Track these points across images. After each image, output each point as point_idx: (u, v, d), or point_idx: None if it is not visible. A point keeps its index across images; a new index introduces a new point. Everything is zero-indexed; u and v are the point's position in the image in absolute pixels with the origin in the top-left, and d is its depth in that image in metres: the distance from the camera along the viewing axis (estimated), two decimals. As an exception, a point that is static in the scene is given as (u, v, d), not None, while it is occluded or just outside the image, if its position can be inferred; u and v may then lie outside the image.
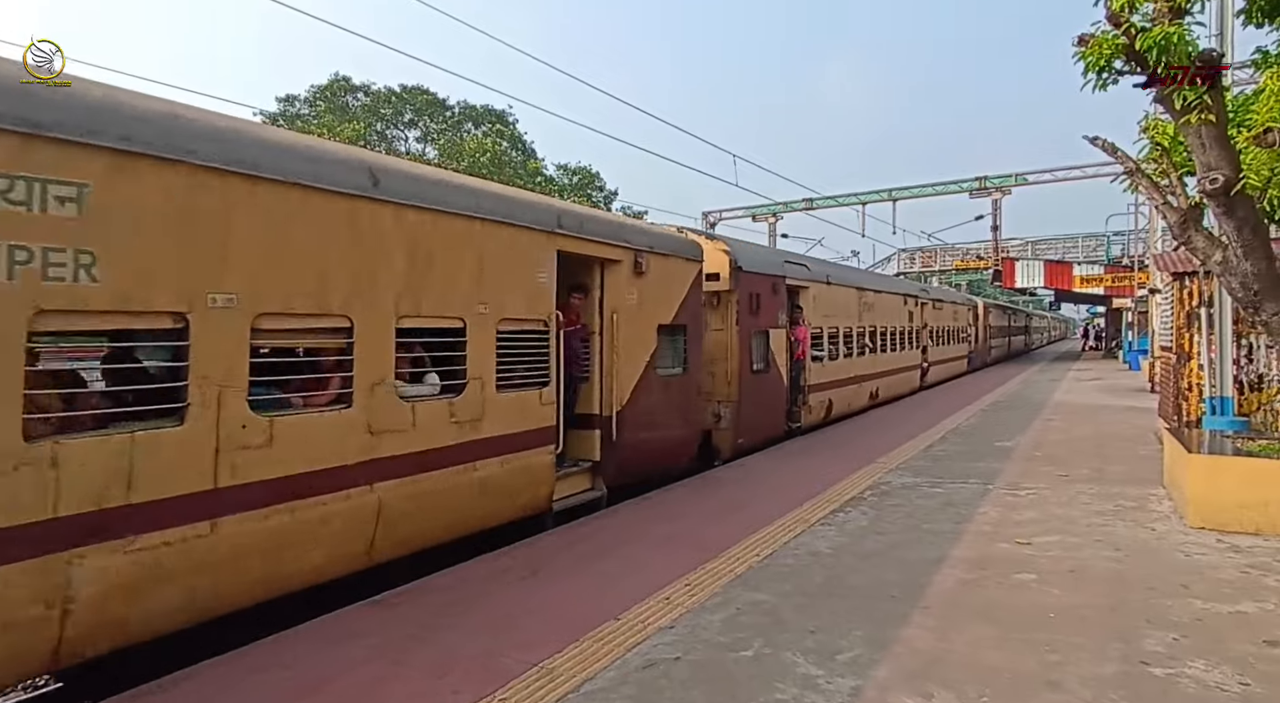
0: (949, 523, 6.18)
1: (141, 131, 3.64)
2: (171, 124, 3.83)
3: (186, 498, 3.73)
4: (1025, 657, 3.64)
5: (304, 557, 4.35)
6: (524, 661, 3.70)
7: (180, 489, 3.71)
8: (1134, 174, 6.49)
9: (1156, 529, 5.90)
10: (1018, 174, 36.31)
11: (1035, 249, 43.79)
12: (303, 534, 4.30)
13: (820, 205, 39.56)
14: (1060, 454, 9.39)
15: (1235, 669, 3.45)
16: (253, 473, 4.03)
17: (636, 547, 5.68)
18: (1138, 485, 7.47)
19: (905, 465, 8.81)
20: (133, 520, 3.51)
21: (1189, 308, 9.08)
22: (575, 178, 41.33)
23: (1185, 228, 6.26)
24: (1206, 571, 4.90)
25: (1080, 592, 4.54)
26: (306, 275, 4.37)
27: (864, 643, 3.83)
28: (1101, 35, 5.48)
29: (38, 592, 3.22)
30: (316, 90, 37.29)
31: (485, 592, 4.75)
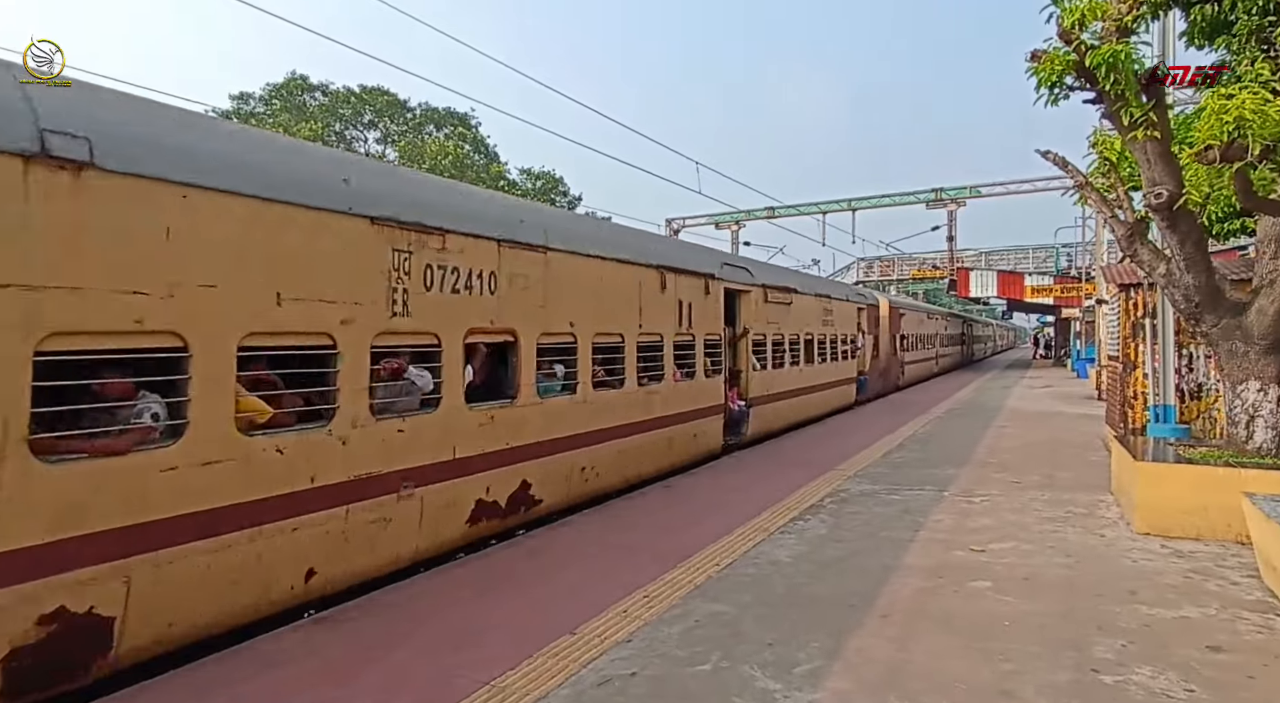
0: (906, 531, 6.22)
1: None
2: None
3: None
4: (982, 666, 3.65)
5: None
6: (476, 679, 3.56)
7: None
8: (1084, 188, 6.69)
9: (1105, 536, 6.04)
10: (972, 186, 37.37)
11: (989, 259, 45.04)
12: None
13: (782, 214, 40.09)
14: (1013, 461, 9.59)
15: (1180, 675, 3.52)
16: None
17: (595, 558, 5.58)
18: (1087, 492, 7.65)
19: (863, 473, 8.89)
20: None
21: (1134, 318, 9.38)
22: (539, 182, 41.04)
23: (1132, 241, 6.46)
24: (1153, 576, 5.02)
25: (1034, 599, 4.60)
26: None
27: (823, 654, 3.79)
28: (1053, 52, 5.63)
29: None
30: (272, 88, 36.30)
31: (439, 606, 4.59)
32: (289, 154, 5.03)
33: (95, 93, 3.95)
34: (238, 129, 7.63)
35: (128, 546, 3.55)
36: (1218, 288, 6.28)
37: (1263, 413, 6.14)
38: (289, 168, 4.65)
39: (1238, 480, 5.62)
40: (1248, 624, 4.14)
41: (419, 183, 6.36)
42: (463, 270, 5.68)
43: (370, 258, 4.94)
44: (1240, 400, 6.30)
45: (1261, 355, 6.14)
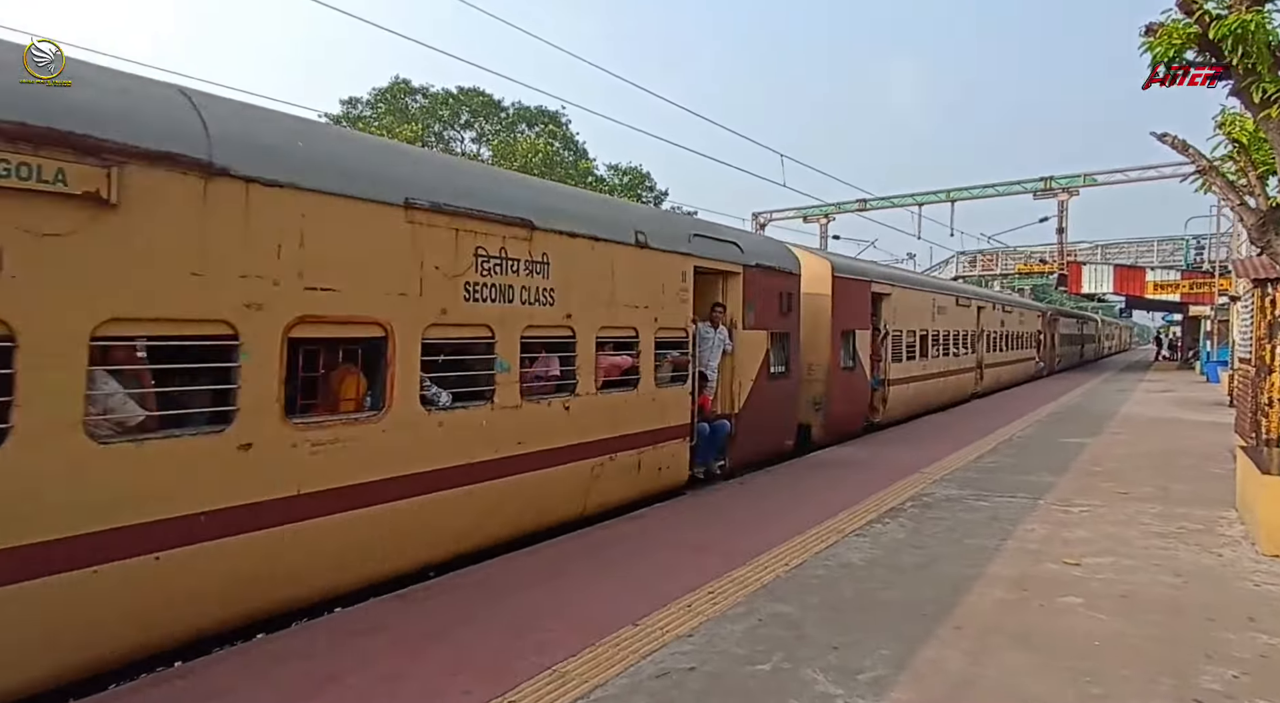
0: (993, 539, 5.89)
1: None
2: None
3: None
4: (1064, 688, 3.41)
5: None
6: (537, 663, 3.67)
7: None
8: (1207, 173, 6.08)
9: (1223, 555, 5.49)
10: (1086, 174, 34.64)
11: (1105, 253, 41.67)
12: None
13: (874, 206, 38.62)
14: (1122, 470, 8.86)
15: (1302, 714, 3.16)
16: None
17: (663, 552, 5.60)
18: (1206, 507, 6.97)
19: (951, 477, 8.47)
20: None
21: (1270, 317, 8.44)
22: (626, 178, 41.42)
23: (1265, 230, 5.82)
24: (1277, 603, 4.52)
25: (1131, 619, 4.24)
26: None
27: (889, 663, 3.65)
28: (1172, 24, 5.14)
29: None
30: (377, 93, 38.42)
31: (508, 590, 4.75)
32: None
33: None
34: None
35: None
36: (1370, 283, 5.55)
37: None
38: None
39: (1388, 501, 4.97)
40: (1391, 663, 3.66)
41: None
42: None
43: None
44: (1396, 411, 5.55)
45: None
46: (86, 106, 3.51)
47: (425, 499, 4.94)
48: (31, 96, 3.33)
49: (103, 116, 3.54)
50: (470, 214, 5.30)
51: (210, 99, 4.21)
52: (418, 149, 9.41)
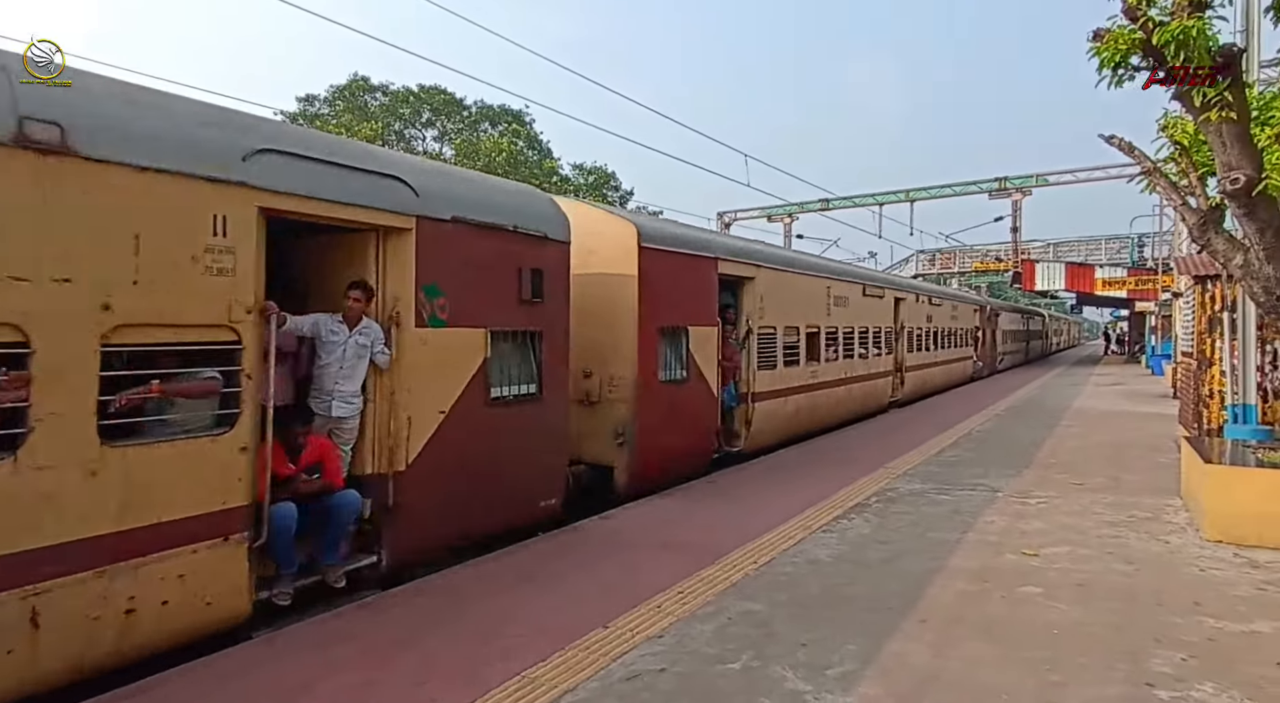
0: (954, 532, 6.02)
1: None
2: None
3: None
4: (1025, 677, 3.50)
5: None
6: (506, 669, 3.63)
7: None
8: (1151, 174, 6.30)
9: (1171, 542, 5.71)
10: (1038, 175, 35.67)
11: (1057, 251, 43.03)
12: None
13: (836, 206, 39.18)
14: (1075, 462, 9.15)
15: (1245, 694, 3.29)
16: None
17: (632, 553, 5.59)
18: (1154, 496, 7.24)
19: (914, 472, 8.64)
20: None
21: (1211, 312, 8.81)
22: (591, 178, 41.31)
23: (1205, 230, 6.05)
24: (1221, 587, 4.72)
25: (1087, 607, 4.38)
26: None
27: (856, 658, 3.71)
28: (1118, 30, 5.30)
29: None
30: (335, 90, 37.61)
31: (476, 597, 4.69)
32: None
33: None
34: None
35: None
36: (1303, 280, 5.82)
37: (1353, 415, 5.67)
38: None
39: (1322, 487, 5.22)
40: (1326, 642, 3.85)
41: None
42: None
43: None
44: (1327, 401, 5.84)
45: (1352, 353, 5.67)
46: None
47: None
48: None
49: None
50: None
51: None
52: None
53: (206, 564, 3.88)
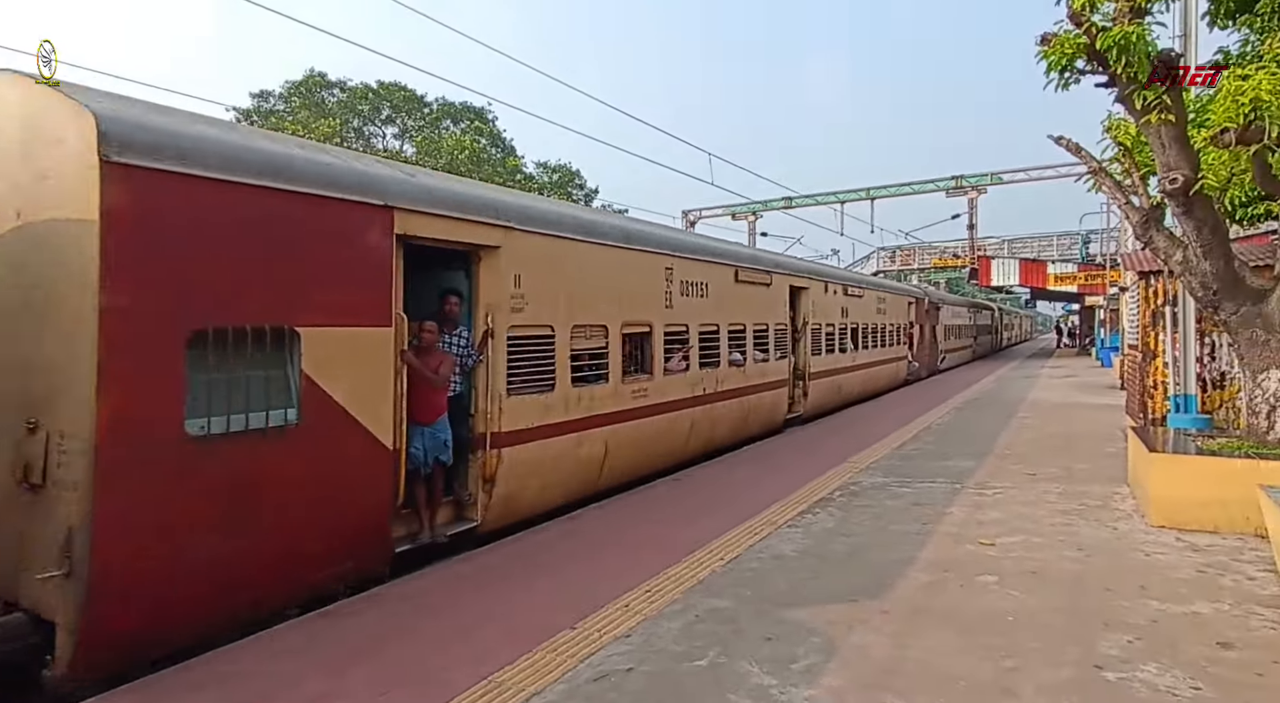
0: (915, 524, 6.16)
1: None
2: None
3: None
4: (982, 663, 3.61)
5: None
6: (472, 674, 3.60)
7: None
8: (1097, 174, 6.53)
9: (1118, 528, 5.93)
10: (993, 173, 36.68)
11: (1011, 247, 44.31)
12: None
13: (799, 204, 39.71)
14: (1029, 453, 9.44)
15: (1187, 673, 3.44)
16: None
17: (597, 555, 5.59)
18: (1103, 484, 7.51)
19: (875, 465, 8.81)
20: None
21: (1154, 306, 9.17)
22: (555, 176, 41.10)
23: (1147, 227, 6.30)
24: (1165, 570, 4.92)
25: (1040, 594, 4.53)
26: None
27: (821, 651, 3.77)
28: (1064, 35, 5.49)
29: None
30: (291, 86, 36.68)
31: (442, 601, 4.64)
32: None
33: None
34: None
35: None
36: (1237, 275, 6.11)
37: (1284, 403, 5.97)
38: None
39: (1256, 473, 5.49)
40: (1261, 620, 4.05)
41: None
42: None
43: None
44: (1261, 390, 6.13)
45: (1283, 344, 5.96)
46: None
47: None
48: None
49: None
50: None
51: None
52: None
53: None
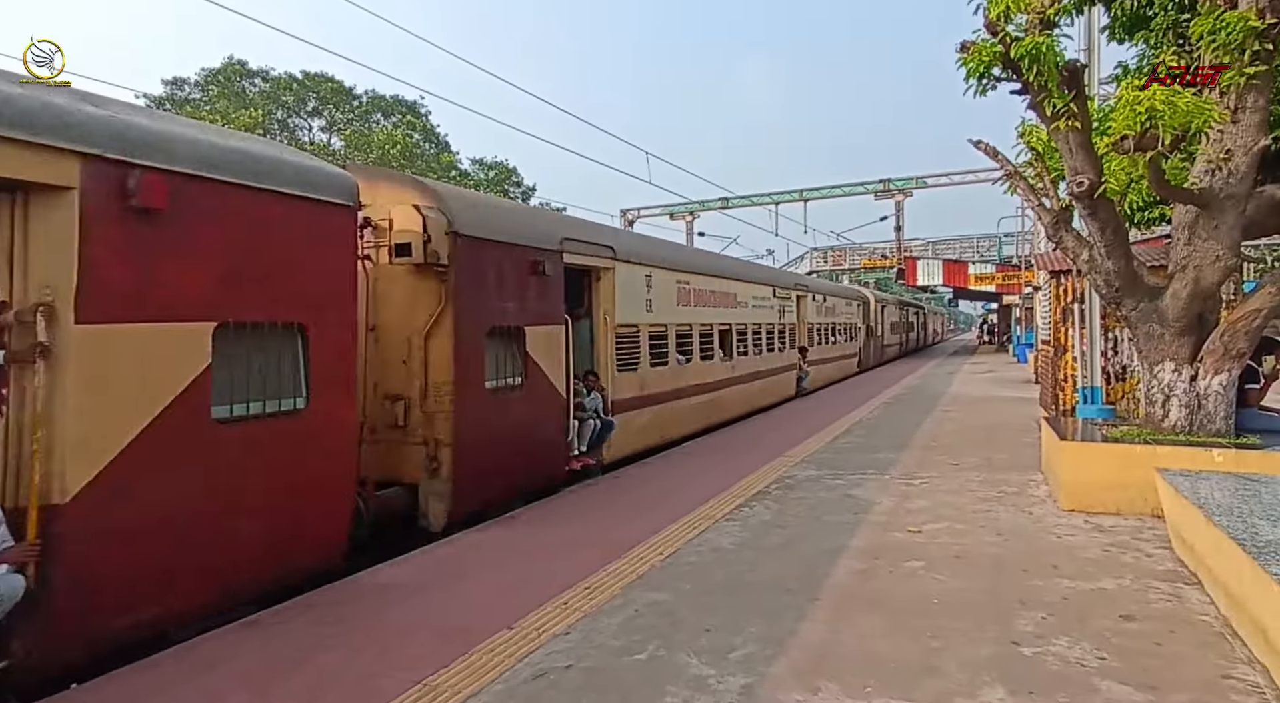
0: (847, 514, 6.35)
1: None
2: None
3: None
4: (909, 644, 3.75)
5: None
6: (406, 679, 3.50)
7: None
8: (1013, 177, 6.88)
9: (1034, 513, 6.27)
10: (918, 177, 38.28)
11: (935, 249, 46.28)
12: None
13: (735, 205, 40.40)
14: (953, 444, 9.88)
15: (1094, 645, 3.67)
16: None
17: (536, 552, 5.54)
18: (1020, 472, 7.93)
19: (810, 459, 9.04)
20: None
21: (1064, 304, 9.75)
22: (492, 173, 40.44)
23: (1057, 228, 6.68)
24: (1074, 551, 5.23)
25: (963, 577, 4.74)
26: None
27: (757, 640, 3.84)
28: (981, 43, 5.76)
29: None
30: (208, 74, 34.82)
31: (373, 607, 4.49)
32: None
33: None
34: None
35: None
36: (1136, 273, 6.55)
37: (1177, 392, 6.44)
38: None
39: (1153, 457, 5.90)
40: (1158, 594, 4.35)
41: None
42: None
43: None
44: (1157, 380, 6.60)
45: (1176, 337, 6.44)
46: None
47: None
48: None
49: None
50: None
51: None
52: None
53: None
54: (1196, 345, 6.42)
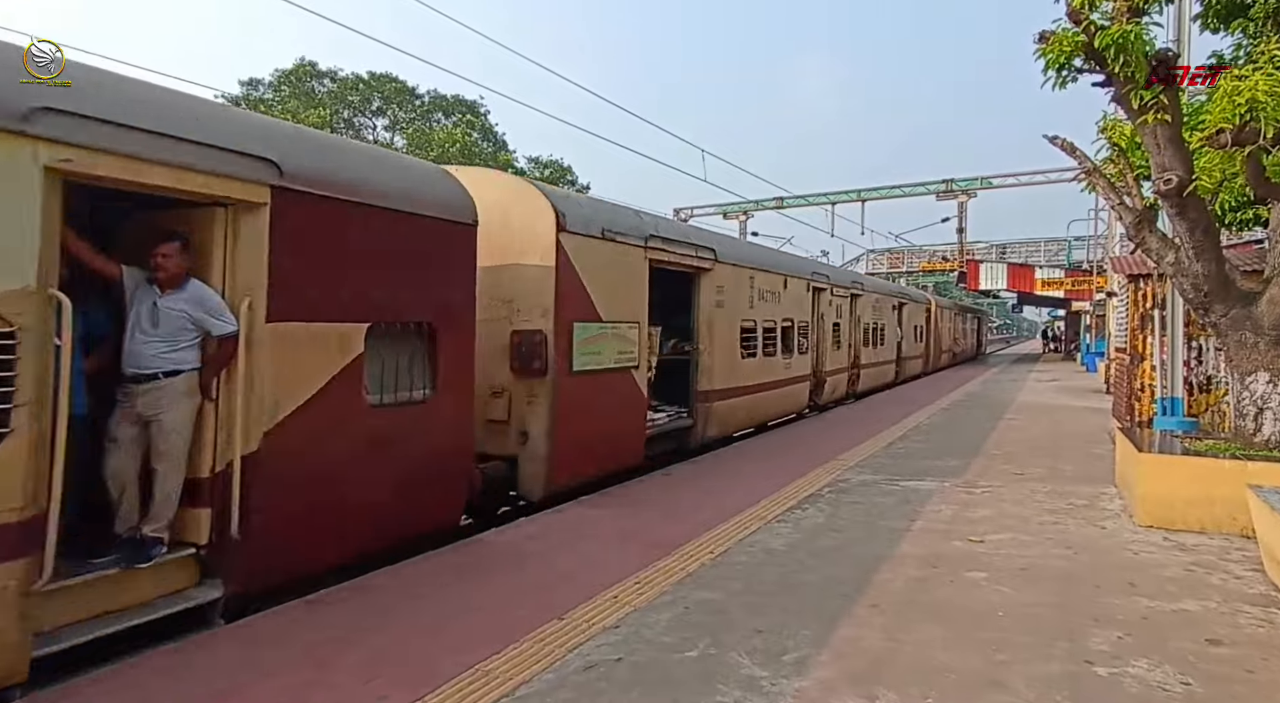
0: (904, 520, 6.15)
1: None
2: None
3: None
4: (972, 656, 3.59)
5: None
6: (459, 663, 3.53)
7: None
8: (1092, 174, 6.54)
9: (1106, 527, 5.95)
10: (983, 177, 36.95)
11: (1000, 252, 44.62)
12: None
13: (790, 204, 39.80)
14: (1017, 453, 9.48)
15: (1177, 669, 3.44)
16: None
17: (588, 544, 5.54)
18: (1090, 484, 7.55)
19: (865, 463, 8.81)
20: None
21: (1143, 310, 9.23)
22: (547, 171, 40.94)
23: (1140, 228, 6.32)
24: (1153, 569, 4.93)
25: (1030, 590, 4.52)
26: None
27: (811, 643, 3.74)
28: (1062, 32, 5.48)
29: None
30: (281, 74, 36.28)
31: (427, 591, 4.56)
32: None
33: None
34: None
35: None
36: (1228, 277, 6.14)
37: (1271, 405, 6.01)
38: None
39: (1244, 473, 5.51)
40: (1249, 618, 4.06)
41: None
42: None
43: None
44: (1249, 392, 6.17)
45: (1271, 346, 6.00)
46: None
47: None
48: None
49: None
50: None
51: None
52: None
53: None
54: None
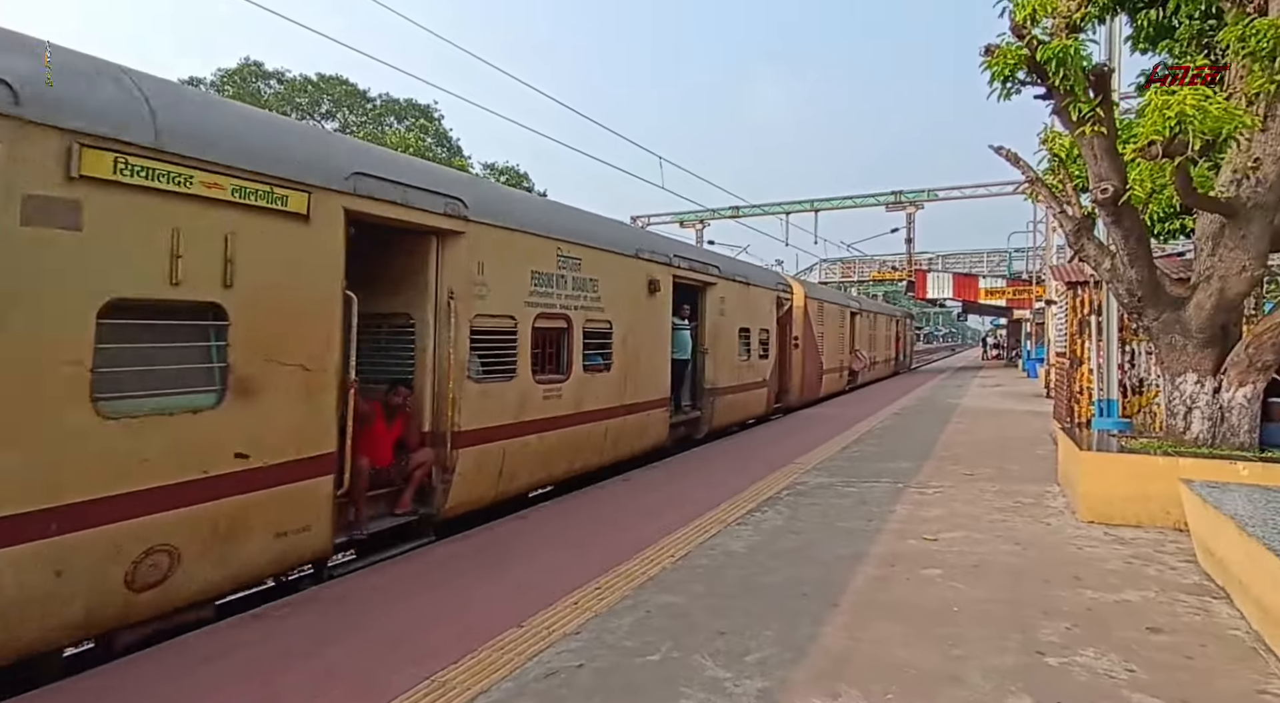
0: (861, 521, 6.25)
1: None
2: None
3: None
4: (930, 652, 3.65)
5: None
6: (415, 674, 3.42)
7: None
8: (1034, 184, 6.80)
9: (1051, 524, 6.15)
10: (930, 189, 38.13)
11: (945, 263, 46.08)
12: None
13: (746, 214, 40.34)
14: (966, 455, 9.76)
15: (1122, 657, 3.56)
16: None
17: (547, 553, 5.45)
18: (1035, 483, 7.81)
19: (821, 466, 8.94)
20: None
21: (1081, 316, 9.63)
22: (503, 178, 40.63)
23: (1079, 236, 6.59)
24: (1096, 562, 5.11)
25: (982, 586, 4.63)
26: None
27: (774, 643, 3.74)
28: (1006, 46, 5.70)
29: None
30: (224, 74, 35.16)
31: (383, 601, 4.42)
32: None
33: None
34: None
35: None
36: (1159, 283, 6.45)
37: (1199, 404, 6.32)
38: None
39: (1176, 469, 5.78)
40: (1185, 607, 4.24)
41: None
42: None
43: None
44: (1179, 392, 6.48)
45: (1199, 349, 6.32)
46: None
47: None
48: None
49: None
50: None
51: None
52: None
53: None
54: (1220, 357, 6.31)
